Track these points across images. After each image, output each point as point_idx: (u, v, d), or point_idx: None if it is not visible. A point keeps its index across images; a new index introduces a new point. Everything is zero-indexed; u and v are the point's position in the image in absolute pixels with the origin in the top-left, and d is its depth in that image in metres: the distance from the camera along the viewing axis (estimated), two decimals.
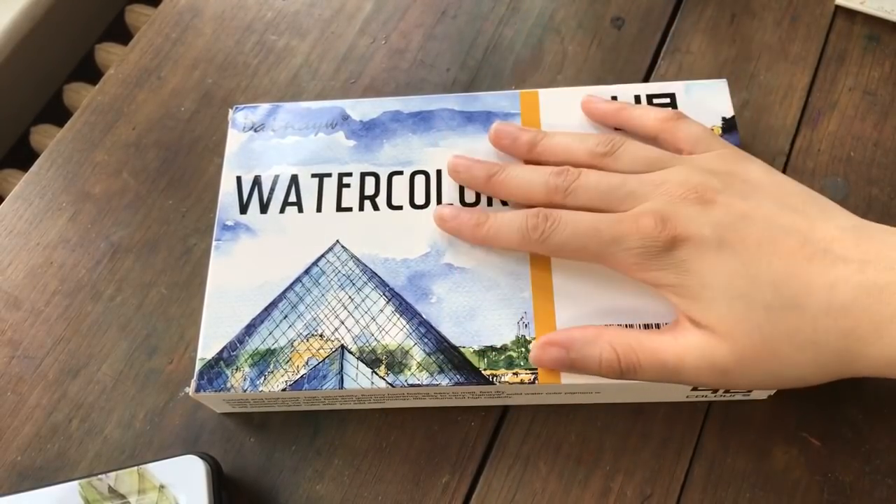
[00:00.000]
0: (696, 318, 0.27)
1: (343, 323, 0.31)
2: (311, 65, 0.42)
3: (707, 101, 0.35)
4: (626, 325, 0.30)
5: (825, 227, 0.27)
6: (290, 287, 0.32)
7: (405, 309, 0.31)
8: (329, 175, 0.35)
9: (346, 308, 0.32)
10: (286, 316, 0.31)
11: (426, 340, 0.31)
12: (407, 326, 0.31)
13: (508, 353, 0.30)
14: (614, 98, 0.35)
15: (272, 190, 0.34)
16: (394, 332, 0.31)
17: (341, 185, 0.34)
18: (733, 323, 0.26)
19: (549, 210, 0.30)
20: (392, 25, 0.43)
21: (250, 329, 0.31)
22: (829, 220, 0.27)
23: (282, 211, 0.34)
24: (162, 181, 0.39)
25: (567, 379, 0.29)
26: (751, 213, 0.28)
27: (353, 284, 0.32)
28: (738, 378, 0.27)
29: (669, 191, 0.29)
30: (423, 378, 0.30)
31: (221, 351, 0.31)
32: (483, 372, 0.30)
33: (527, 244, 0.30)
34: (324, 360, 0.31)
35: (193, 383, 0.31)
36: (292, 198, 0.34)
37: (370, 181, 0.34)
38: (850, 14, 0.41)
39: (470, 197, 0.34)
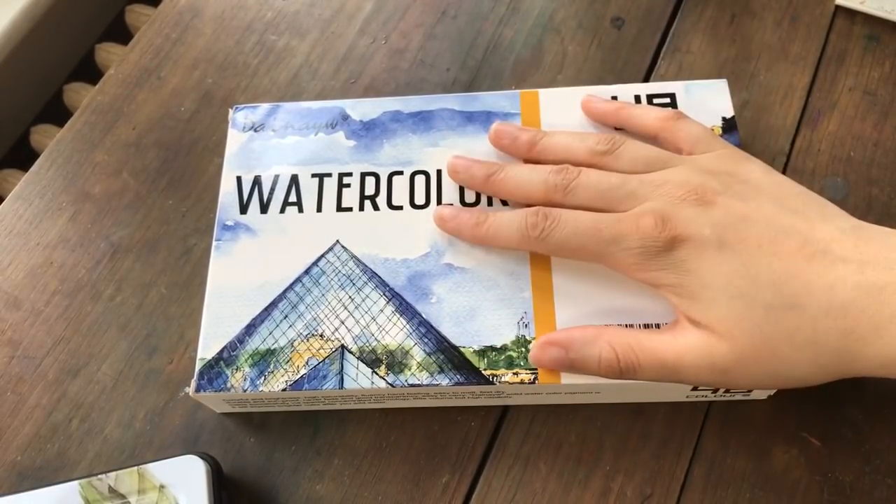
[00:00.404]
0: (696, 317, 0.27)
1: (343, 323, 0.31)
2: (311, 65, 0.42)
3: (707, 101, 0.35)
4: (626, 325, 0.30)
5: (825, 227, 0.27)
6: (291, 287, 0.32)
7: (405, 309, 0.31)
8: (329, 175, 0.35)
9: (346, 308, 0.32)
10: (286, 316, 0.31)
11: (426, 340, 0.31)
12: (407, 326, 0.31)
13: (508, 353, 0.30)
14: (614, 98, 0.35)
15: (272, 190, 0.34)
16: (394, 332, 0.31)
17: (341, 185, 0.34)
18: (733, 322, 0.26)
19: (548, 209, 0.30)
20: (392, 25, 0.43)
21: (250, 329, 0.31)
22: (829, 221, 0.27)
23: (282, 211, 0.34)
24: (162, 181, 0.39)
25: (567, 379, 0.29)
26: (750, 214, 0.28)
27: (354, 284, 0.32)
28: (738, 377, 0.27)
29: (670, 192, 0.29)
30: (423, 378, 0.30)
31: (221, 351, 0.31)
32: (483, 372, 0.30)
33: (526, 243, 0.30)
34: (324, 360, 0.31)
35: (193, 383, 0.31)
36: (292, 198, 0.34)
37: (370, 181, 0.34)
38: (850, 14, 0.41)
39: (470, 197, 0.34)
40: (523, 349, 0.30)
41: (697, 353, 0.27)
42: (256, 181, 0.35)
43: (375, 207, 0.34)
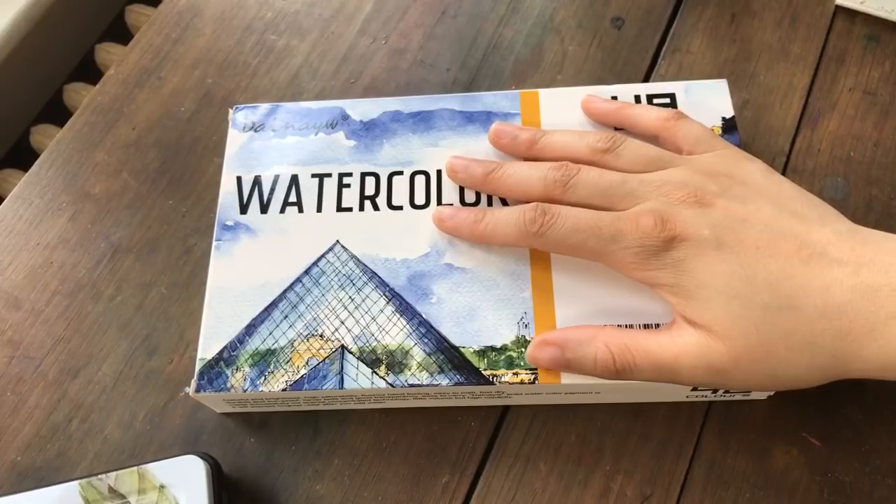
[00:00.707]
0: (693, 317, 0.27)
1: (343, 323, 0.31)
2: (311, 65, 0.42)
3: (707, 101, 0.35)
4: (626, 326, 0.30)
5: (822, 230, 0.27)
6: (291, 287, 0.32)
7: (405, 309, 0.31)
8: (329, 175, 0.35)
9: (346, 308, 0.32)
10: (286, 316, 0.31)
11: (426, 340, 0.31)
12: (407, 326, 0.31)
13: (508, 353, 0.30)
14: (614, 98, 0.35)
15: (272, 190, 0.34)
16: (394, 333, 0.31)
17: (341, 185, 0.34)
18: (730, 322, 0.26)
19: (547, 205, 0.30)
20: (392, 25, 0.43)
21: (250, 329, 0.31)
22: (826, 224, 0.28)
23: (282, 211, 0.34)
24: (162, 181, 0.39)
25: (567, 379, 0.29)
26: (749, 216, 0.28)
27: (354, 284, 0.32)
28: (735, 378, 0.27)
29: (669, 192, 0.29)
30: (423, 378, 0.30)
31: (222, 351, 0.31)
32: (483, 372, 0.30)
33: (525, 238, 0.30)
34: (324, 360, 0.31)
35: (194, 383, 0.31)
36: (292, 198, 0.34)
37: (370, 181, 0.34)
38: (850, 14, 0.41)
39: (470, 197, 0.34)
40: (523, 349, 0.30)
41: (694, 354, 0.27)
42: (256, 181, 0.35)
43: (375, 207, 0.34)
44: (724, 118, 0.34)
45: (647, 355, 0.27)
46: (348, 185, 0.34)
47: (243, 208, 0.34)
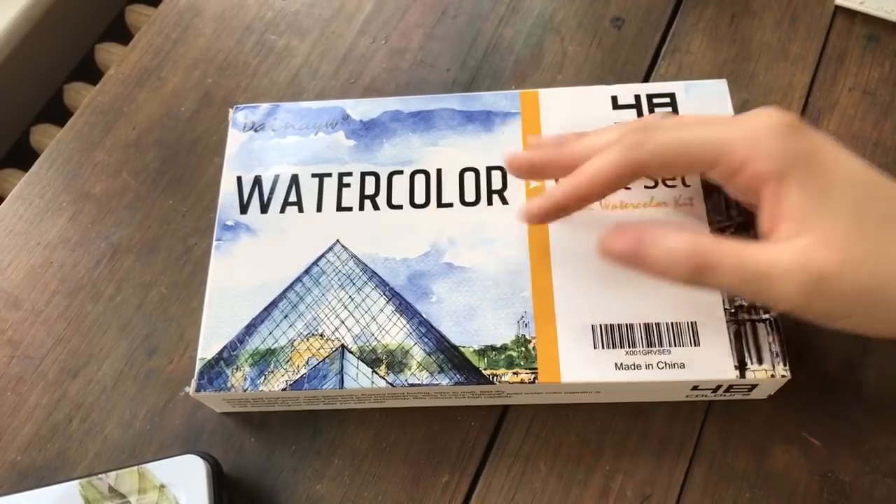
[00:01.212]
0: (810, 218, 0.25)
1: (343, 322, 0.31)
2: (311, 65, 0.42)
3: (707, 101, 0.35)
4: (627, 325, 0.30)
5: None
6: (291, 287, 0.32)
7: (405, 308, 0.31)
8: (329, 175, 0.35)
9: (346, 307, 0.32)
10: (286, 315, 0.31)
11: (426, 340, 0.31)
12: (407, 326, 0.31)
13: (508, 352, 0.30)
14: (614, 98, 0.35)
15: (272, 190, 0.34)
16: (394, 332, 0.31)
17: (341, 185, 0.34)
18: (845, 227, 0.24)
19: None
20: (392, 25, 0.43)
21: (250, 329, 0.31)
22: None
23: (282, 211, 0.34)
24: (162, 181, 0.39)
25: (567, 378, 0.29)
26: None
27: (354, 284, 0.32)
28: (834, 293, 0.24)
29: (770, 121, 0.26)
30: (424, 378, 0.30)
31: (222, 350, 0.31)
32: (483, 371, 0.30)
33: (625, 153, 0.27)
34: (324, 359, 0.31)
35: (194, 383, 0.31)
36: (292, 197, 0.34)
37: (370, 181, 0.34)
38: (850, 14, 0.41)
39: (470, 197, 0.33)
40: (523, 348, 0.30)
41: (796, 259, 0.24)
42: (257, 181, 0.35)
43: (375, 207, 0.34)
44: None
45: (734, 256, 0.25)
46: (348, 185, 0.34)
47: (243, 208, 0.34)
